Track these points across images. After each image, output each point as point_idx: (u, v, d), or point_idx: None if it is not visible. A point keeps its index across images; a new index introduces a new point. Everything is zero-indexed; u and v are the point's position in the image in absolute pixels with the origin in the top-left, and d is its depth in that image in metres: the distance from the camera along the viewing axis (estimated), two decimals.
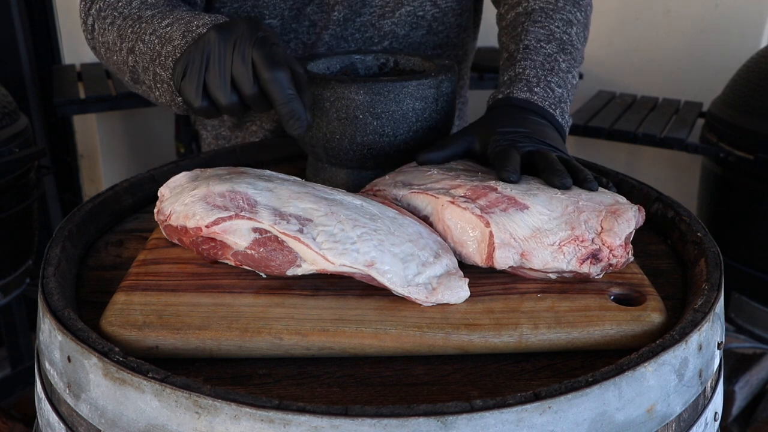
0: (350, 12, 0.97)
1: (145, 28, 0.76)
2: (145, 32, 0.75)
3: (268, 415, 0.43)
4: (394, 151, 0.78)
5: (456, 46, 1.05)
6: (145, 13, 0.79)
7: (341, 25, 0.98)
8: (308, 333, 0.54)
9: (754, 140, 1.63)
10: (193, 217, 0.62)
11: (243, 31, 0.66)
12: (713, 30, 2.16)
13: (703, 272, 0.63)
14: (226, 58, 0.66)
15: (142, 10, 0.79)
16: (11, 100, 1.58)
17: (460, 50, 1.07)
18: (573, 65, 0.84)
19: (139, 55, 0.76)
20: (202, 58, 0.67)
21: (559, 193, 0.64)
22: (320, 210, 0.61)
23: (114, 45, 0.80)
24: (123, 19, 0.79)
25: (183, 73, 0.68)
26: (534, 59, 0.81)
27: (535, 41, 0.84)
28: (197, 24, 0.72)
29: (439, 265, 0.59)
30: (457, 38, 1.05)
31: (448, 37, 1.03)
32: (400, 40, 1.00)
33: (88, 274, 0.68)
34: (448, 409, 0.44)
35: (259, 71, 0.65)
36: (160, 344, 0.54)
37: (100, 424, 0.49)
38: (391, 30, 0.99)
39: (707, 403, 0.56)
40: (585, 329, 0.56)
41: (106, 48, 0.82)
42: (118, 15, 0.81)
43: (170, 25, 0.74)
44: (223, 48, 0.66)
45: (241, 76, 0.65)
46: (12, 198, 1.53)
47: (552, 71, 0.81)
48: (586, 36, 0.91)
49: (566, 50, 0.84)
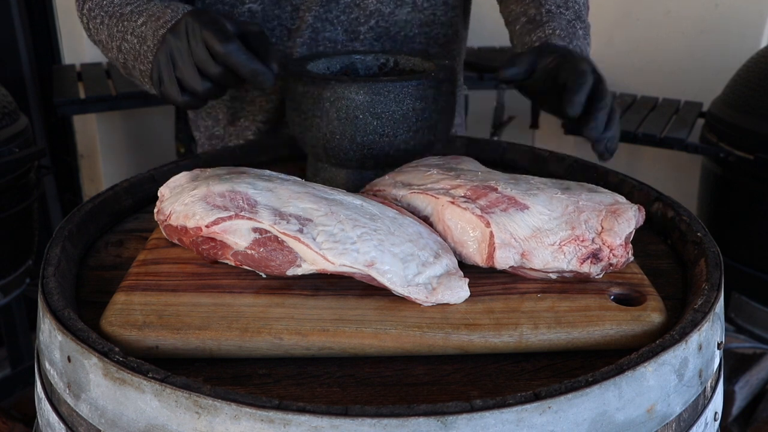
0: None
1: (126, 27, 0.84)
2: (127, 31, 0.83)
3: (268, 415, 0.43)
4: (394, 151, 0.78)
5: (444, 25, 1.05)
6: (125, 9, 0.86)
7: (324, 5, 0.98)
8: (308, 333, 0.54)
9: (754, 140, 1.63)
10: (193, 217, 0.62)
11: (189, 23, 0.73)
12: (713, 30, 2.16)
13: (703, 272, 0.63)
14: (185, 52, 0.73)
15: (122, 6, 0.87)
16: (11, 100, 1.58)
17: (450, 29, 1.06)
18: (587, 33, 0.87)
19: (125, 53, 0.84)
20: (168, 60, 0.75)
21: (559, 192, 0.64)
22: (320, 210, 0.61)
23: (107, 43, 0.87)
24: (109, 18, 0.86)
25: (159, 80, 0.76)
26: (560, 22, 0.84)
27: (555, 7, 0.86)
28: (163, 21, 0.79)
29: (439, 265, 0.59)
30: (445, 16, 1.04)
31: (435, 14, 1.03)
32: (386, 19, 1.00)
33: (88, 274, 0.68)
34: (448, 409, 0.44)
35: (214, 51, 0.71)
36: (160, 344, 0.54)
37: (100, 424, 0.49)
38: (376, 9, 1.00)
39: (707, 403, 0.56)
40: (585, 329, 0.56)
41: (102, 46, 0.89)
42: (105, 14, 0.87)
43: (144, 23, 0.82)
44: (180, 44, 0.74)
45: (202, 62, 0.72)
46: (12, 198, 1.53)
47: (575, 36, 0.83)
48: (588, 5, 0.94)
49: (581, 18, 0.87)
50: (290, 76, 0.80)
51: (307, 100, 0.77)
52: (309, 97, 0.77)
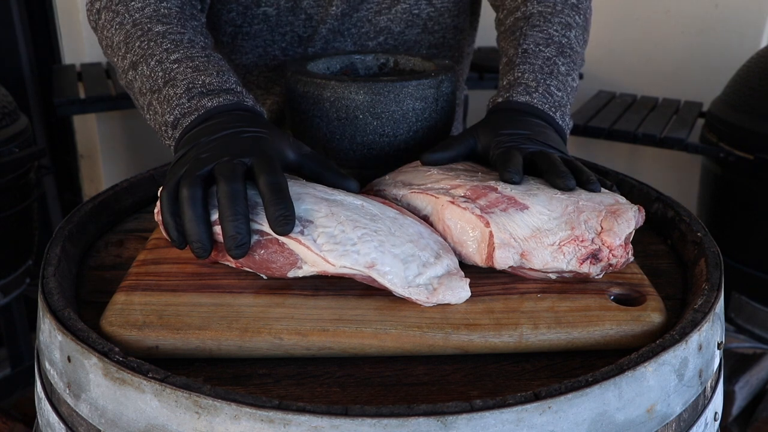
0: (348, 7, 0.98)
1: (153, 51, 0.75)
2: (152, 57, 0.75)
3: (268, 415, 0.43)
4: (394, 151, 0.78)
5: (452, 48, 1.06)
6: (156, 27, 0.77)
7: (338, 19, 0.98)
8: (308, 333, 0.54)
9: (754, 140, 1.63)
10: None
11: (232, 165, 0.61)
12: (713, 30, 2.16)
13: (703, 272, 0.63)
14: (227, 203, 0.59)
15: (153, 22, 0.78)
16: (11, 100, 1.58)
17: (456, 52, 1.07)
18: (572, 68, 0.84)
19: (140, 76, 0.75)
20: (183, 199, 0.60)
21: (559, 193, 0.64)
22: (321, 211, 0.61)
23: (118, 48, 0.79)
24: (132, 25, 0.78)
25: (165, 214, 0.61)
26: (533, 63, 0.81)
27: (534, 45, 0.84)
28: (201, 83, 0.71)
29: (439, 266, 0.59)
30: (453, 39, 1.05)
31: (444, 37, 1.04)
32: (395, 37, 1.01)
33: (88, 274, 0.68)
34: (448, 409, 0.44)
35: None
36: (160, 344, 0.54)
37: (100, 424, 0.49)
38: (386, 26, 1.00)
39: (707, 403, 0.56)
40: (585, 329, 0.56)
41: (108, 45, 0.82)
42: (128, 18, 0.79)
43: (178, 62, 0.73)
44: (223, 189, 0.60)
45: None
46: (12, 198, 1.53)
47: (551, 75, 0.81)
48: (585, 39, 0.91)
49: (565, 53, 0.84)
50: (290, 76, 0.80)
51: (307, 100, 0.77)
52: (309, 97, 0.77)
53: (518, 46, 0.85)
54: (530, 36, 0.85)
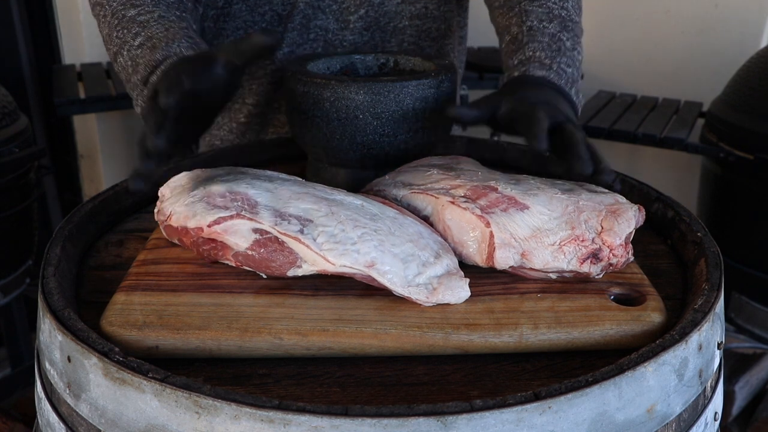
0: None
1: (125, 38, 0.80)
2: (124, 45, 0.80)
3: (268, 415, 0.43)
4: (394, 151, 0.78)
5: (437, 19, 1.05)
6: (129, 12, 0.82)
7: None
8: (308, 333, 0.54)
9: (754, 140, 1.63)
10: (193, 217, 0.61)
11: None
12: (713, 30, 2.16)
13: (703, 272, 0.63)
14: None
15: (126, 8, 0.83)
16: (11, 100, 1.58)
17: (443, 23, 1.06)
18: (576, 42, 0.85)
19: (119, 66, 0.83)
20: None
21: (559, 192, 0.64)
22: (321, 210, 0.61)
23: (106, 42, 0.85)
24: (112, 16, 0.84)
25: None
26: (541, 41, 0.82)
27: (538, 21, 0.84)
28: (153, 62, 0.76)
29: (439, 265, 0.59)
30: (437, 11, 1.04)
31: (426, 7, 1.03)
32: (376, 9, 1.00)
33: (88, 274, 0.68)
34: (448, 409, 0.44)
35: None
36: (160, 344, 0.54)
37: (100, 424, 0.49)
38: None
39: (707, 403, 0.56)
40: (585, 329, 0.56)
41: (103, 40, 0.87)
42: (108, 8, 0.84)
43: (140, 46, 0.79)
44: None
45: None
46: (12, 198, 1.53)
47: (560, 52, 0.82)
48: (580, 6, 0.92)
49: (567, 27, 0.85)
50: (290, 76, 0.80)
51: (307, 100, 0.77)
52: (309, 97, 0.77)
53: (522, 24, 0.85)
54: (532, 12, 0.86)
